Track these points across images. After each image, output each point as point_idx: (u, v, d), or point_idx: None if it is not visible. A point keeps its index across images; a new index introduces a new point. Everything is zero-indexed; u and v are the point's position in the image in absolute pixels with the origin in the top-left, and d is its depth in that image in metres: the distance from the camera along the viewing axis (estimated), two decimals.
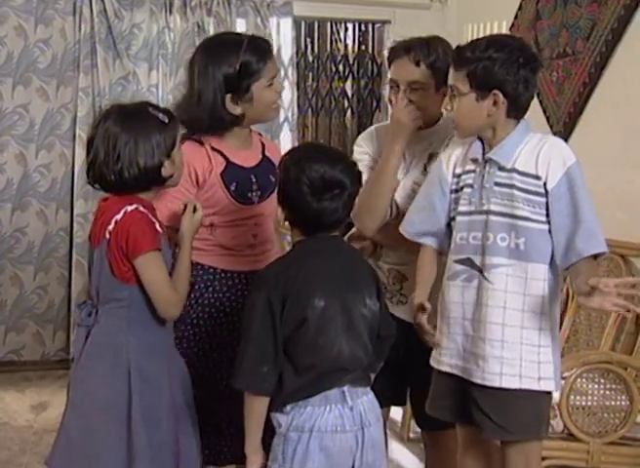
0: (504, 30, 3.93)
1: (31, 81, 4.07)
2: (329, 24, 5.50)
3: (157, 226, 1.82)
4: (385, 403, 2.04)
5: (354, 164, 1.82)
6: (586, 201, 1.85)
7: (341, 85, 5.48)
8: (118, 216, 1.78)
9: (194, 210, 1.95)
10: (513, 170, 1.90)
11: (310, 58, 5.48)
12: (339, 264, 1.79)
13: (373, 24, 4.99)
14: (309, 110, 5.47)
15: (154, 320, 1.84)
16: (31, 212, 4.14)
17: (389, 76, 2.18)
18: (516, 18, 3.95)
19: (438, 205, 2.00)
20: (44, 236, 4.17)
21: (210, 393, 2.04)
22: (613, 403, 2.48)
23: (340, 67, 5.45)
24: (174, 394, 1.87)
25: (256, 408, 1.74)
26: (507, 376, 1.88)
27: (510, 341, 1.88)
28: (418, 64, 2.10)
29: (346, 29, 5.54)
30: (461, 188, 1.97)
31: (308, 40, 5.51)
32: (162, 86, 4.23)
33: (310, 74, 5.46)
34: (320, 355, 1.73)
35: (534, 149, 1.90)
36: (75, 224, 4.11)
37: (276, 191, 1.92)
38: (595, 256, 1.86)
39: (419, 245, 2.05)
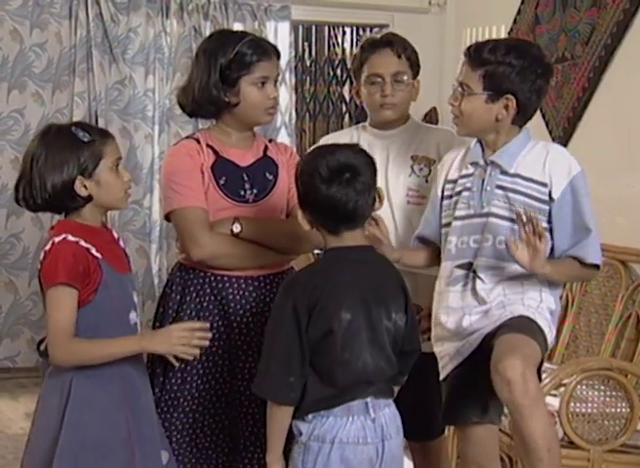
0: (503, 35, 3.91)
1: (27, 85, 4.04)
2: (327, 29, 5.49)
3: (93, 251, 1.74)
4: None
5: (366, 152, 1.76)
6: (590, 211, 1.87)
7: (339, 89, 5.46)
8: (47, 248, 1.74)
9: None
10: (517, 175, 1.91)
11: (308, 63, 5.46)
12: (367, 275, 1.75)
13: (371, 29, 4.96)
14: (307, 115, 5.45)
15: None
16: (26, 217, 4.10)
17: (368, 71, 2.18)
18: (515, 22, 3.94)
19: (431, 215, 2.04)
20: (39, 242, 4.12)
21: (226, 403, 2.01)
22: (613, 410, 2.46)
23: (338, 72, 5.44)
24: (134, 426, 1.77)
25: (280, 417, 1.71)
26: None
27: (512, 292, 1.90)
28: (399, 57, 2.17)
29: (344, 33, 5.52)
30: (458, 193, 1.97)
31: (306, 44, 5.49)
32: (158, 90, 4.20)
33: (308, 78, 5.44)
34: (346, 368, 1.70)
35: (538, 156, 1.91)
36: None
37: (276, 191, 1.94)
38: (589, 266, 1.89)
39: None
